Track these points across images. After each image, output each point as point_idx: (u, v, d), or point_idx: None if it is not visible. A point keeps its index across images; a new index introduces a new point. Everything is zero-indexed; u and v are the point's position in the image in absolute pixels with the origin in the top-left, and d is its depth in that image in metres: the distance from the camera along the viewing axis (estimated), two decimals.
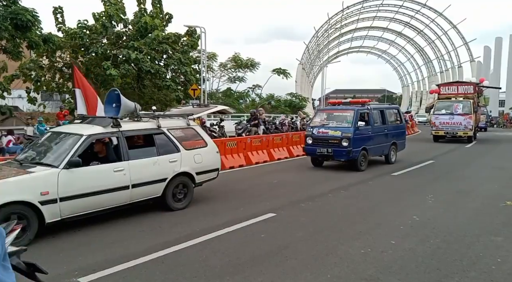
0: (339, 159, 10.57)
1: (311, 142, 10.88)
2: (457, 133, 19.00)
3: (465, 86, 19.97)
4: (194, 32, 24.62)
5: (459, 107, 18.99)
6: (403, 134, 12.89)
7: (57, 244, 4.97)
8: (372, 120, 11.00)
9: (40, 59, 21.69)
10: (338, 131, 10.39)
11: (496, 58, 48.87)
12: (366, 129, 10.71)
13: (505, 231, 5.45)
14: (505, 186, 8.70)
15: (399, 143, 12.42)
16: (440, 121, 19.27)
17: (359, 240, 5.10)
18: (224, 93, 39.57)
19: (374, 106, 11.74)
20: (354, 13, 53.87)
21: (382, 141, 11.50)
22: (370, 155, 11.01)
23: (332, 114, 11.25)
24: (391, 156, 12.08)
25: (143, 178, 6.00)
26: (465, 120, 18.66)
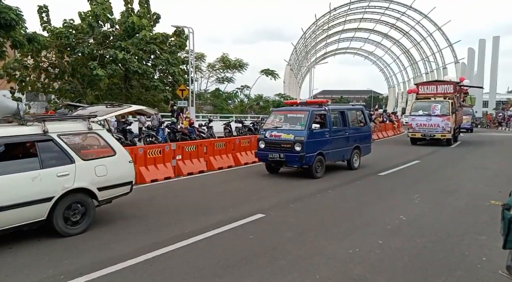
0: (292, 165, 9.62)
1: (264, 146, 9.86)
2: (434, 136, 17.69)
3: (444, 85, 18.66)
4: (182, 33, 24.52)
5: (437, 108, 17.73)
6: (367, 138, 11.88)
7: (42, 247, 4.89)
8: (330, 122, 10.10)
9: (25, 59, 21.36)
10: (291, 135, 9.42)
11: (479, 59, 49.83)
12: (323, 132, 9.82)
13: (489, 230, 5.55)
14: (489, 185, 8.87)
15: (363, 146, 11.41)
16: (417, 123, 18.08)
17: (346, 240, 5.14)
18: (213, 93, 39.50)
19: (333, 107, 10.83)
20: (341, 15, 54.32)
21: (342, 145, 10.53)
22: (328, 160, 10.13)
23: (286, 115, 10.16)
24: (354, 161, 11.08)
25: (13, 199, 4.68)
26: (443, 121, 17.44)
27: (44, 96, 27.85)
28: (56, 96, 23.55)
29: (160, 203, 7.26)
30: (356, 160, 11.23)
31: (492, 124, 38.69)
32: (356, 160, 11.23)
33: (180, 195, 8.02)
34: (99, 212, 6.15)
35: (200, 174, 10.39)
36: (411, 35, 58.70)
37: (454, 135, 18.57)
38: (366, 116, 11.99)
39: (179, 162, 10.12)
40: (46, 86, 22.77)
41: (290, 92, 50.06)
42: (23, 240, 5.14)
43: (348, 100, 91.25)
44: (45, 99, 28.58)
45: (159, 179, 9.36)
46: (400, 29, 58.63)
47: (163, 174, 9.58)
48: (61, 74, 22.37)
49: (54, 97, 24.07)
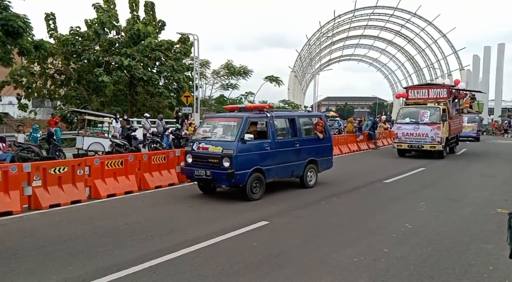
0: (220, 184, 7.99)
1: (191, 160, 8.20)
2: (422, 147, 15.31)
3: (437, 89, 16.19)
4: (187, 40, 24.70)
5: (426, 115, 15.31)
6: (327, 150, 9.98)
7: (46, 253, 4.89)
8: (273, 132, 8.36)
9: (32, 66, 21.60)
10: (219, 147, 7.74)
11: (485, 66, 49.68)
12: (262, 144, 8.12)
13: (495, 239, 5.49)
14: (495, 193, 8.79)
15: (320, 160, 9.63)
16: (403, 132, 15.68)
17: (351, 248, 5.10)
18: (217, 100, 39.59)
19: (278, 114, 9.11)
20: (346, 22, 54.41)
21: (291, 159, 8.79)
22: (271, 177, 8.37)
23: (218, 123, 8.52)
24: (308, 177, 9.32)
25: None
26: (432, 131, 14.94)
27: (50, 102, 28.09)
28: (61, 102, 23.75)
29: (164, 210, 7.26)
30: (311, 177, 9.43)
31: (498, 131, 38.43)
32: (311, 177, 9.43)
33: (184, 201, 8.01)
34: (102, 219, 6.16)
35: None
36: (416, 42, 58.64)
37: (447, 147, 16.41)
38: (327, 125, 10.21)
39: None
40: (52, 92, 22.99)
41: (294, 99, 50.09)
42: (28, 246, 5.16)
43: (352, 107, 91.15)
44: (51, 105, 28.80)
45: (163, 185, 9.36)
46: (404, 36, 58.60)
47: (168, 180, 9.59)
48: (67, 81, 22.59)
49: (59, 103, 24.27)
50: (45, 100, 25.33)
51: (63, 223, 6.29)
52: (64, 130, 19.37)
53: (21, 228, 6.05)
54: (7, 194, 6.80)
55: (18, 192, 6.91)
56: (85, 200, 7.80)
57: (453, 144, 17.87)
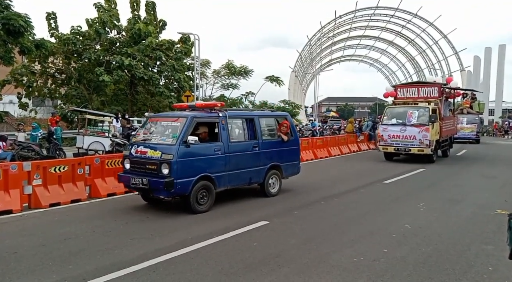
0: (158, 195, 7.02)
1: (129, 166, 7.17)
2: (410, 151, 14.18)
3: (427, 88, 15.03)
4: (188, 39, 24.70)
5: (414, 116, 14.15)
6: (292, 154, 8.97)
7: (46, 252, 4.90)
8: (226, 134, 7.38)
9: (32, 65, 21.62)
10: (158, 152, 6.68)
11: (485, 68, 49.66)
12: (211, 148, 7.14)
13: (496, 240, 5.49)
14: (496, 195, 8.78)
15: (285, 165, 8.66)
16: (389, 134, 14.44)
17: (351, 248, 5.10)
18: (218, 100, 39.61)
19: (234, 113, 8.16)
20: (347, 22, 54.44)
21: (248, 164, 7.80)
22: (223, 186, 7.36)
23: (159, 124, 7.47)
24: (270, 184, 8.35)
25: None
26: (420, 133, 13.78)
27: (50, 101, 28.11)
28: (62, 101, 23.77)
29: (164, 209, 7.26)
30: (274, 184, 8.47)
31: (498, 132, 38.42)
32: (274, 184, 8.47)
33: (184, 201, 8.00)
34: (102, 218, 6.17)
35: None
36: (417, 43, 58.68)
37: (438, 150, 15.14)
38: (293, 126, 9.17)
39: None
40: (52, 91, 23.01)
41: (294, 99, 50.10)
42: (28, 245, 5.16)
43: (353, 108, 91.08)
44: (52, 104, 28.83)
45: None
46: (405, 36, 58.63)
47: None
48: (67, 80, 22.61)
49: (60, 102, 24.29)
50: (45, 99, 25.35)
51: (63, 222, 6.30)
52: (64, 129, 19.39)
53: (21, 226, 6.06)
54: (7, 192, 6.81)
55: (18, 191, 6.92)
56: (85, 199, 7.81)
57: (446, 147, 16.53)
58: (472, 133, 24.90)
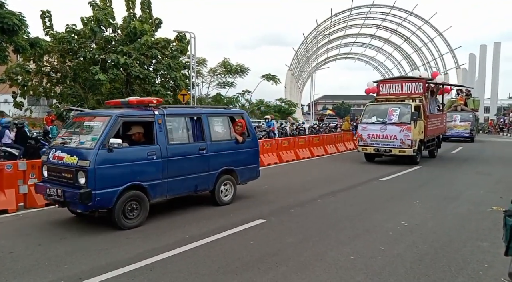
0: (75, 209, 6.04)
1: (46, 174, 6.14)
2: (390, 151, 13.06)
3: (411, 83, 13.95)
4: (184, 38, 24.61)
5: (395, 114, 13.05)
6: (250, 157, 7.97)
7: (42, 252, 4.87)
8: (163, 135, 6.32)
9: (27, 64, 21.46)
10: (74, 157, 5.66)
11: (481, 65, 49.86)
12: (142, 152, 6.05)
13: (491, 236, 5.52)
14: (491, 192, 8.83)
15: (241, 170, 7.68)
16: (368, 134, 13.40)
17: (348, 246, 5.11)
18: (214, 98, 39.55)
19: (175, 111, 7.02)
20: (343, 20, 54.48)
21: (193, 170, 6.77)
22: (160, 196, 6.37)
23: (83, 124, 6.43)
24: (222, 192, 7.39)
25: None
26: (401, 132, 12.69)
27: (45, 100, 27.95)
28: (57, 100, 23.63)
29: (160, 208, 7.23)
30: (227, 191, 7.48)
31: (494, 130, 38.65)
32: (227, 191, 7.48)
33: (179, 199, 7.99)
34: (99, 217, 6.14)
35: None
36: (412, 41, 58.84)
37: (422, 151, 13.99)
38: (250, 125, 8.19)
39: None
40: (48, 90, 22.86)
41: (291, 97, 50.13)
42: (23, 245, 5.14)
43: (349, 106, 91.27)
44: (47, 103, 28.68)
45: None
46: (401, 34, 58.77)
47: None
48: (63, 79, 22.48)
49: (55, 101, 24.15)
50: (40, 98, 25.20)
51: (59, 222, 6.27)
52: (60, 128, 19.29)
53: (17, 226, 6.03)
54: (3, 192, 6.79)
55: (13, 191, 6.89)
56: None
57: (433, 147, 15.38)
58: (466, 131, 24.11)
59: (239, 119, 7.92)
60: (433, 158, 15.23)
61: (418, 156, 13.44)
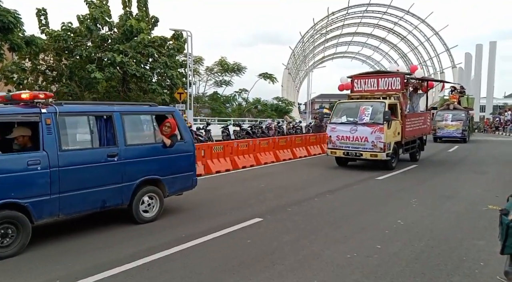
0: None
1: None
2: (361, 155, 11.43)
3: (388, 78, 12.50)
4: (180, 36, 24.56)
5: (367, 113, 11.52)
6: (182, 163, 6.65)
7: (35, 251, 4.84)
8: (55, 138, 5.10)
9: (23, 62, 21.34)
10: None
11: (477, 64, 50.04)
12: (20, 160, 4.81)
13: (487, 235, 5.54)
14: (487, 190, 8.87)
15: (168, 179, 6.36)
16: (337, 135, 11.80)
17: (344, 245, 5.12)
18: (211, 97, 39.51)
19: (72, 108, 5.79)
20: (339, 19, 54.54)
21: (98, 181, 5.53)
22: (49, 215, 5.07)
23: None
24: (142, 206, 6.11)
25: None
26: (373, 134, 11.13)
27: None
28: (54, 99, 23.50)
29: None
30: (151, 205, 6.23)
31: (489, 129, 38.83)
32: (151, 205, 6.23)
33: (175, 198, 7.97)
34: (89, 216, 6.12)
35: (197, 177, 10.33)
36: (409, 40, 59.01)
37: (398, 154, 12.30)
38: (183, 126, 6.82)
39: None
40: (43, 89, 22.73)
41: (288, 96, 50.14)
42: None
43: None
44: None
45: None
46: (397, 33, 58.92)
47: None
48: (58, 77, 22.39)
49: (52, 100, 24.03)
50: None
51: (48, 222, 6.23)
52: None
53: None
54: None
55: None
56: None
57: (414, 150, 13.67)
58: (457, 131, 22.38)
59: (168, 118, 6.54)
60: (414, 162, 13.47)
61: (394, 160, 11.85)
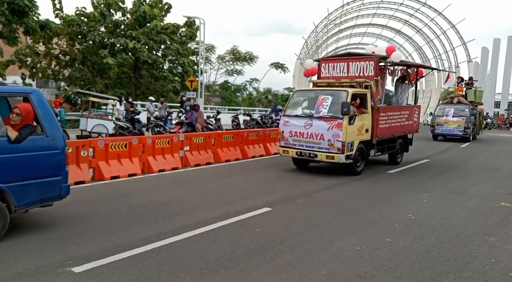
0: None
1: None
2: (315, 156, 9.20)
3: (360, 62, 10.15)
4: (193, 23, 24.48)
5: (325, 104, 9.24)
6: (40, 165, 4.86)
7: (49, 233, 4.92)
8: None
9: (36, 46, 21.52)
10: None
11: (493, 59, 49.06)
12: None
13: (498, 232, 5.48)
14: (499, 187, 8.75)
15: (13, 187, 4.58)
16: (290, 131, 9.57)
17: (354, 237, 5.10)
18: (222, 86, 39.46)
19: None
20: (354, 10, 53.68)
21: None
22: None
23: None
24: None
25: None
26: (330, 130, 8.92)
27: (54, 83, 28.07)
28: (66, 83, 23.72)
29: (167, 193, 7.28)
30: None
31: (503, 125, 38.20)
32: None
33: (187, 185, 8.04)
34: (106, 200, 6.18)
35: (207, 166, 10.39)
36: (424, 33, 57.90)
37: (366, 156, 9.96)
38: (42, 114, 4.89)
39: (186, 152, 10.12)
40: (56, 73, 22.94)
41: (299, 86, 49.79)
42: (32, 225, 5.19)
43: None
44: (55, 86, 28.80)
45: (166, 169, 9.38)
46: (413, 25, 57.82)
47: (171, 164, 9.59)
48: (71, 62, 22.54)
49: (63, 84, 24.25)
50: (49, 80, 25.29)
51: (67, 203, 6.29)
52: (67, 111, 19.39)
53: None
54: None
55: None
56: (89, 181, 7.83)
57: (392, 150, 11.31)
58: (459, 129, 19.67)
59: (19, 104, 4.91)
60: (394, 165, 11.30)
61: (359, 163, 9.64)
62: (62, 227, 5.15)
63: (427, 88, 57.95)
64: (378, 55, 10.54)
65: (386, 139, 10.74)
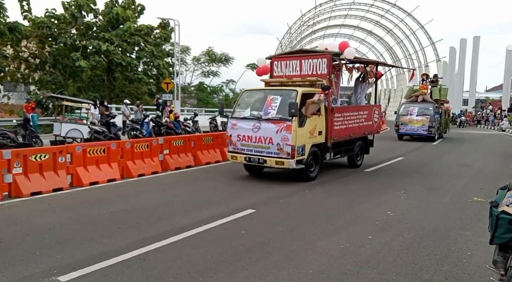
0: None
1: None
2: (265, 162, 8.55)
3: (313, 59, 9.63)
4: (168, 25, 24.26)
5: (273, 106, 8.64)
6: None
7: (32, 241, 4.81)
8: None
9: (4, 49, 20.79)
10: None
11: (461, 58, 50.85)
12: None
13: (473, 226, 5.74)
14: (471, 182, 9.13)
15: None
16: (238, 135, 8.89)
17: (337, 235, 5.23)
18: (198, 87, 39.23)
19: None
20: (327, 11, 54.49)
21: None
22: None
23: None
24: None
25: None
26: (278, 133, 8.31)
27: (23, 87, 27.19)
28: (36, 87, 23.04)
29: (148, 198, 7.22)
30: None
31: (471, 122, 39.69)
32: None
33: (168, 189, 7.99)
34: (86, 207, 6.08)
35: (187, 169, 10.35)
36: (395, 33, 59.41)
37: (321, 160, 9.33)
38: None
39: (166, 156, 10.05)
40: (26, 76, 22.26)
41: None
42: (12, 234, 5.05)
43: None
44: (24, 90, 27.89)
45: (146, 174, 9.29)
46: (384, 26, 59.22)
47: (151, 168, 9.50)
48: (42, 65, 21.92)
49: (34, 88, 23.54)
50: (18, 84, 24.49)
51: (47, 211, 6.18)
52: (39, 116, 18.84)
53: (3, 216, 5.91)
54: None
55: None
56: (67, 187, 7.67)
57: (351, 153, 10.71)
58: (423, 128, 19.00)
59: None
60: (355, 168, 10.79)
61: (314, 169, 9.07)
62: (44, 235, 5.03)
63: (399, 87, 59.43)
64: (331, 52, 9.82)
65: (343, 141, 10.18)
